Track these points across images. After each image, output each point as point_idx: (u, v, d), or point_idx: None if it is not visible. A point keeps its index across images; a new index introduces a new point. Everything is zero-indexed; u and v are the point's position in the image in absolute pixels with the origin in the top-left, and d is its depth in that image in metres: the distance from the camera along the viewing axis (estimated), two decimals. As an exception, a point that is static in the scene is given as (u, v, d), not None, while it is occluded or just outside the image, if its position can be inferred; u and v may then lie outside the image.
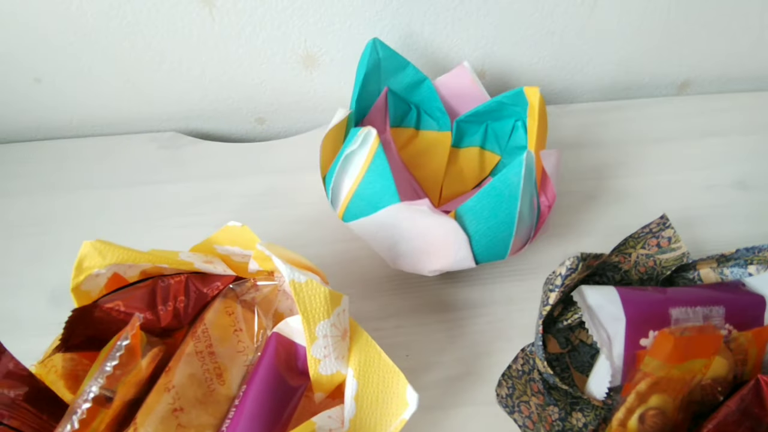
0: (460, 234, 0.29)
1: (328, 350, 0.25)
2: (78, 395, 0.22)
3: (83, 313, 0.24)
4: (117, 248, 0.26)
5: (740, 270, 0.32)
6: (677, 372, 0.24)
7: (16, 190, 0.41)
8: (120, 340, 0.22)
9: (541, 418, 0.29)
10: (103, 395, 0.21)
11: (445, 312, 0.35)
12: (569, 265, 0.28)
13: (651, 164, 0.43)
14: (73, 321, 0.24)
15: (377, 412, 0.25)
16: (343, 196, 0.32)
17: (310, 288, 0.24)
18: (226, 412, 0.24)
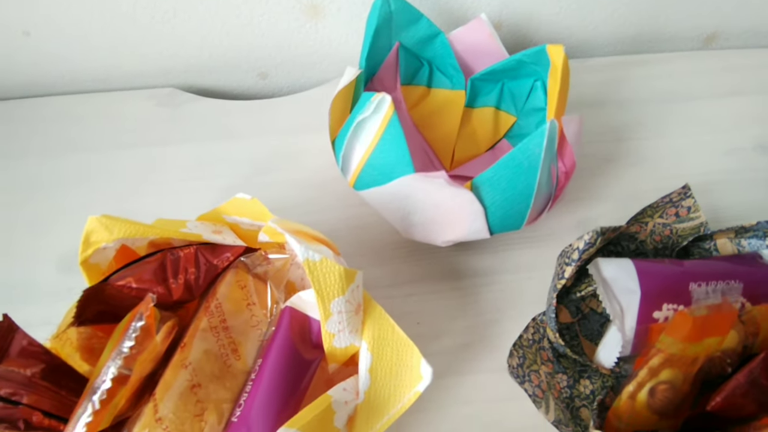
0: (475, 205, 0.28)
1: (342, 325, 0.25)
2: (96, 375, 0.22)
3: (95, 291, 0.24)
4: (123, 222, 0.25)
5: (758, 242, 0.31)
6: (692, 350, 0.24)
7: (11, 152, 0.39)
8: (135, 320, 0.22)
9: (549, 386, 0.29)
10: (121, 374, 0.21)
11: (456, 280, 0.34)
12: (588, 240, 0.27)
13: (671, 125, 0.42)
14: (85, 299, 0.24)
15: (391, 384, 0.26)
16: (354, 164, 0.30)
17: (325, 266, 0.23)
18: (243, 386, 0.25)
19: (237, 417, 0.24)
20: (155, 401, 0.22)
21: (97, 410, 0.21)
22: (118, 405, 0.22)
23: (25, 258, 0.35)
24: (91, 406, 0.20)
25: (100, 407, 0.21)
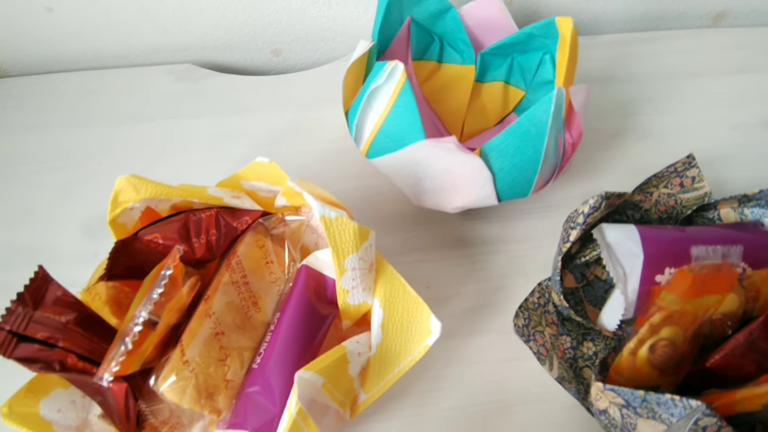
0: (484, 171, 0.29)
1: (356, 282, 0.26)
2: (128, 320, 0.23)
3: (125, 244, 0.25)
4: (150, 183, 0.26)
5: (761, 210, 0.32)
6: (691, 307, 0.26)
7: (37, 124, 0.41)
8: (164, 269, 0.24)
9: (554, 347, 0.31)
10: (150, 320, 0.23)
11: (465, 247, 0.36)
12: (592, 204, 0.28)
13: (678, 101, 0.42)
14: (116, 252, 0.25)
15: (402, 339, 0.27)
16: (367, 132, 0.31)
17: (340, 224, 0.25)
18: (262, 336, 0.26)
19: (257, 364, 0.25)
20: (182, 347, 0.24)
21: (129, 350, 0.22)
22: (147, 351, 0.24)
23: (51, 223, 0.37)
24: (123, 347, 0.22)
25: (133, 348, 0.22)
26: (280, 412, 0.23)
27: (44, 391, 0.24)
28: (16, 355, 0.21)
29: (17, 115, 0.41)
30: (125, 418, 0.25)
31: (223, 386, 0.24)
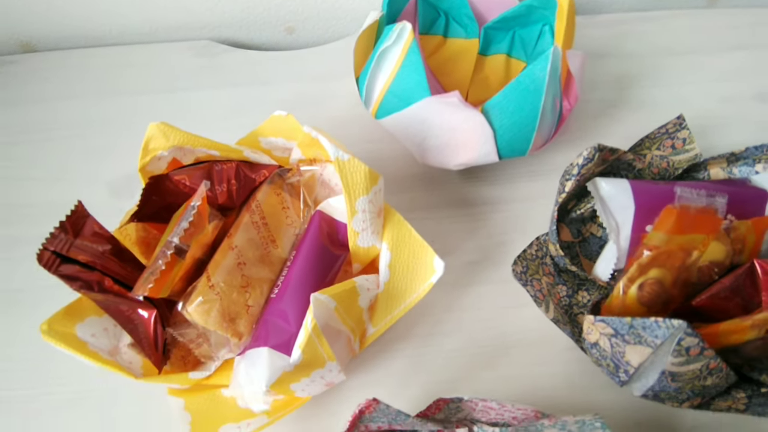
0: (486, 128, 0.32)
1: (365, 224, 0.29)
2: (159, 247, 0.25)
3: (157, 180, 0.28)
4: (179, 131, 0.29)
5: (748, 168, 0.34)
6: (677, 242, 0.27)
7: (66, 95, 0.44)
8: (192, 202, 0.26)
9: (550, 294, 0.33)
10: (180, 247, 0.25)
11: (467, 207, 0.38)
12: (586, 155, 0.30)
13: (673, 76, 0.44)
14: (149, 188, 0.27)
15: (408, 277, 0.29)
16: (376, 93, 0.34)
17: (353, 165, 0.27)
18: (280, 271, 0.28)
19: (275, 294, 0.27)
20: (208, 274, 0.26)
21: (162, 270, 0.24)
22: (175, 278, 0.26)
23: (79, 183, 0.39)
24: (156, 268, 0.24)
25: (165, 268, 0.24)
26: (297, 331, 0.25)
27: (80, 317, 0.27)
28: (60, 273, 0.24)
29: (48, 86, 0.44)
30: (153, 345, 0.28)
31: (244, 312, 0.26)
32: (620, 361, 0.27)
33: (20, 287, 0.35)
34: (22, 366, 0.32)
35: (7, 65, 0.45)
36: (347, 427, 0.22)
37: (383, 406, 0.23)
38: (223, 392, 0.29)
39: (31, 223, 0.38)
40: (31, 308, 0.34)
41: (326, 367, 0.26)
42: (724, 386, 0.27)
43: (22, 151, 0.41)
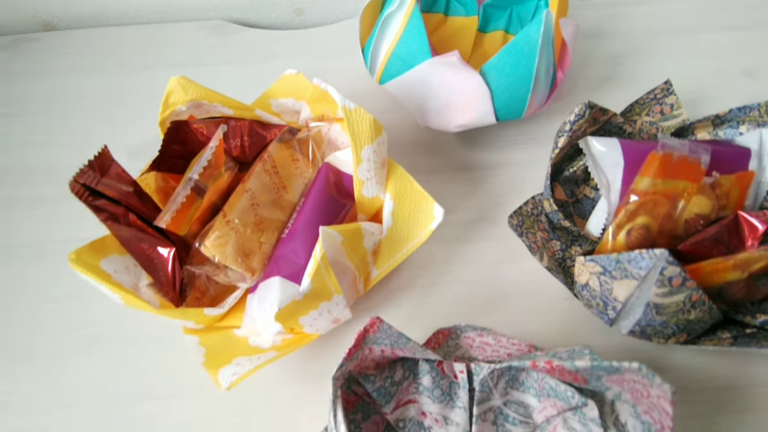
0: (483, 88, 0.34)
1: (370, 173, 0.31)
2: (180, 185, 0.27)
3: (177, 127, 0.30)
4: (197, 86, 0.31)
5: (732, 131, 0.36)
6: (662, 187, 0.29)
7: (87, 69, 0.46)
8: (210, 143, 0.28)
9: (544, 246, 0.34)
10: (198, 186, 0.27)
11: (466, 170, 0.40)
12: (577, 112, 0.32)
13: (664, 54, 0.46)
14: (170, 132, 0.29)
15: (410, 224, 0.31)
16: (381, 58, 0.36)
17: (359, 114, 0.29)
18: (291, 214, 0.30)
19: (286, 235, 0.29)
20: (224, 212, 0.28)
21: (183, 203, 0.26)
22: (193, 217, 0.28)
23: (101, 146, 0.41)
24: (178, 200, 0.26)
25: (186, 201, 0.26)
26: (306, 264, 0.27)
27: (104, 253, 0.28)
28: (89, 203, 0.26)
29: (69, 61, 0.46)
30: (171, 283, 0.29)
31: (257, 249, 0.28)
32: (608, 298, 0.29)
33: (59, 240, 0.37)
34: (21, 314, 0.34)
35: (30, 42, 0.48)
36: (353, 344, 0.24)
37: (386, 326, 0.25)
38: (236, 332, 0.31)
39: (59, 182, 0.40)
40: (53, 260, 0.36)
41: (333, 300, 0.27)
42: (708, 322, 0.28)
43: (45, 120, 0.43)
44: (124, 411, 0.31)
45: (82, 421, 0.31)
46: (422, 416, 0.29)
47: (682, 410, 0.31)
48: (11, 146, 0.42)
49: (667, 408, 0.21)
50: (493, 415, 0.29)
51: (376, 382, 0.28)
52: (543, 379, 0.28)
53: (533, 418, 0.29)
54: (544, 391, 0.28)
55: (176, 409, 0.31)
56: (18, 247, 0.37)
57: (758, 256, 0.29)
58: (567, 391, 0.27)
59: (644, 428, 0.24)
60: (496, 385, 0.28)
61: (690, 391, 0.31)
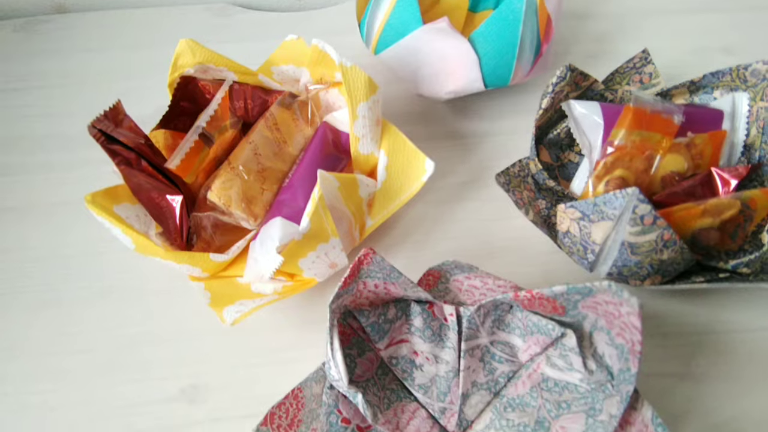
0: (472, 54, 0.36)
1: (365, 130, 0.33)
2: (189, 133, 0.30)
3: (186, 82, 0.32)
4: (204, 49, 0.33)
5: (707, 96, 0.38)
6: (637, 138, 0.31)
7: (98, 48, 0.48)
8: (217, 95, 0.30)
9: (530, 204, 0.36)
10: (205, 134, 0.29)
11: (458, 138, 0.42)
12: (559, 74, 0.34)
13: (647, 33, 0.48)
14: (179, 87, 0.32)
15: (402, 178, 0.33)
16: (376, 29, 0.38)
17: (354, 72, 0.31)
18: (291, 165, 0.32)
19: (286, 183, 0.31)
20: (229, 161, 0.30)
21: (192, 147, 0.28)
22: (200, 166, 0.30)
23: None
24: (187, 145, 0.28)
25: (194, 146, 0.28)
26: (305, 207, 0.29)
27: (117, 200, 0.31)
28: (105, 146, 0.28)
29: (81, 42, 0.49)
30: (179, 231, 0.32)
31: (259, 196, 0.30)
32: (587, 242, 0.31)
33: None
34: (36, 267, 0.36)
35: (43, 24, 0.50)
36: (348, 274, 0.26)
37: (379, 259, 0.27)
38: (239, 280, 0.33)
39: (72, 149, 0.42)
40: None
41: (330, 242, 0.29)
42: (681, 264, 0.30)
43: (60, 93, 0.46)
44: (134, 353, 0.33)
45: (97, 363, 0.33)
46: (414, 355, 0.31)
47: (661, 353, 0.32)
48: (29, 117, 0.44)
49: (636, 323, 0.23)
50: (480, 352, 0.31)
51: (370, 318, 0.30)
52: (527, 317, 0.30)
53: (518, 357, 0.31)
54: (528, 329, 0.30)
55: (184, 351, 0.33)
56: (34, 207, 0.39)
57: (727, 203, 0.31)
58: (548, 324, 0.29)
59: (618, 353, 0.26)
60: (483, 323, 0.30)
61: (669, 336, 0.33)
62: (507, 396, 0.30)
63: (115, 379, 0.32)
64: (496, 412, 0.29)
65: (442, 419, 0.30)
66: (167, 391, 0.32)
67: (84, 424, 0.31)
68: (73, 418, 0.31)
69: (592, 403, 0.28)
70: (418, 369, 0.31)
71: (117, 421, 0.31)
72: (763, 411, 0.31)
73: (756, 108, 0.35)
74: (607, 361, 0.28)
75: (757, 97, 0.35)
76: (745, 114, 0.36)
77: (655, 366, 0.32)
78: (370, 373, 0.30)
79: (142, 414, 0.31)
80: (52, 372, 0.33)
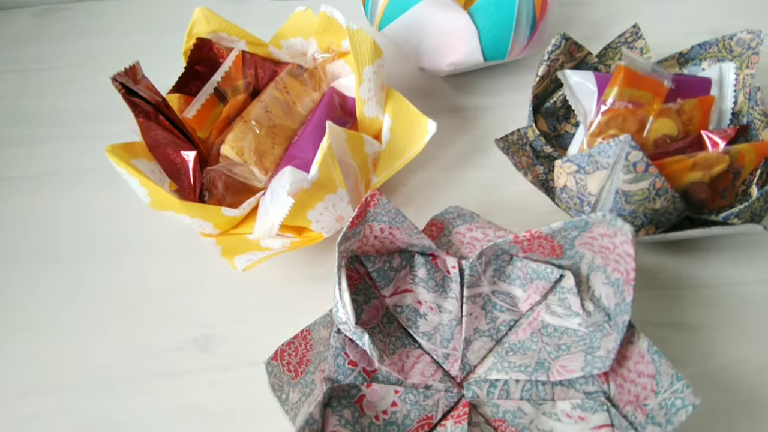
0: (471, 26, 0.38)
1: (371, 93, 0.34)
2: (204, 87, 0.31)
3: (201, 44, 0.34)
4: (218, 17, 0.35)
5: (696, 68, 0.40)
6: (629, 95, 0.33)
7: (115, 32, 0.51)
8: (230, 55, 0.32)
9: (528, 169, 0.38)
10: (218, 90, 0.31)
11: (459, 112, 0.44)
12: (554, 42, 0.36)
13: (640, 18, 0.51)
14: (195, 49, 0.33)
15: (406, 138, 0.35)
16: (379, 6, 0.40)
17: (360, 36, 0.33)
18: (300, 125, 0.34)
19: (295, 141, 0.33)
20: (242, 117, 0.32)
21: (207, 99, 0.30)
22: (214, 121, 0.32)
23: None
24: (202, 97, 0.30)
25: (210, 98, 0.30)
26: (314, 158, 0.31)
27: (135, 155, 0.32)
28: (127, 98, 0.29)
29: (97, 27, 0.51)
30: (193, 187, 0.33)
31: (270, 150, 0.32)
32: (583, 194, 0.32)
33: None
34: (55, 230, 0.38)
35: (62, 11, 0.53)
36: (356, 214, 0.27)
37: (384, 201, 0.28)
38: (248, 236, 0.34)
39: (88, 122, 0.44)
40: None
41: (338, 193, 0.31)
42: (673, 214, 0.32)
43: (77, 73, 0.48)
44: (148, 307, 0.34)
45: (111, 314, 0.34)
46: (418, 304, 0.32)
47: (655, 305, 0.34)
48: (48, 95, 0.46)
49: (630, 250, 0.25)
50: (482, 300, 0.32)
51: (376, 263, 0.31)
52: (526, 266, 0.31)
53: (519, 307, 0.32)
54: (528, 277, 0.31)
55: (196, 306, 0.34)
56: (54, 175, 0.41)
57: (716, 158, 0.32)
58: (547, 268, 0.30)
59: (615, 290, 0.28)
60: (485, 271, 0.32)
61: (662, 289, 0.34)
62: (508, 342, 0.31)
63: (128, 328, 0.34)
64: (498, 356, 0.30)
65: (446, 364, 0.31)
66: (179, 340, 0.33)
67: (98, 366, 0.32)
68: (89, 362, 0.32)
69: (591, 342, 0.29)
70: (422, 318, 0.32)
71: (129, 365, 0.32)
72: (756, 358, 0.31)
73: (742, 76, 0.37)
74: (604, 302, 0.29)
75: (743, 65, 0.37)
76: (732, 82, 0.38)
77: (649, 316, 0.33)
78: (375, 321, 0.31)
79: (155, 360, 0.32)
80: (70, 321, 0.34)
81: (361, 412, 0.28)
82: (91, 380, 0.32)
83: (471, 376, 0.30)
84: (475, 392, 0.29)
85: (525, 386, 0.29)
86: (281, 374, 0.28)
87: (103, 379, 0.32)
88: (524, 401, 0.29)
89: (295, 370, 0.28)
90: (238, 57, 0.32)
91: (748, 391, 0.31)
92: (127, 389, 0.31)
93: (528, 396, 0.29)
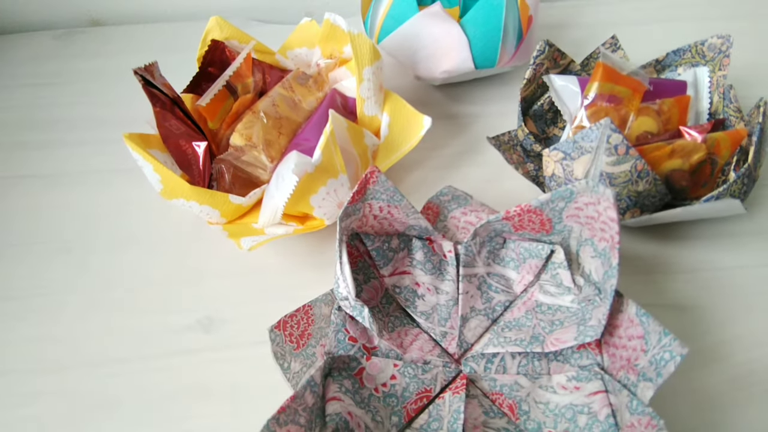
0: (463, 37, 0.41)
1: (370, 93, 0.37)
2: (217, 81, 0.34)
3: (215, 45, 0.37)
4: (231, 26, 0.38)
5: (672, 74, 0.43)
6: (609, 90, 0.36)
7: (127, 53, 0.54)
8: (242, 53, 0.35)
9: (519, 165, 0.40)
10: (230, 84, 0.33)
11: (453, 119, 0.46)
12: (539, 48, 0.39)
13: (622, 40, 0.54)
14: (208, 52, 0.36)
15: (403, 134, 0.37)
16: (378, 21, 0.44)
17: (361, 39, 0.36)
18: (305, 119, 0.36)
19: (299, 134, 0.35)
20: (252, 109, 0.34)
21: (220, 90, 0.32)
22: (225, 113, 0.34)
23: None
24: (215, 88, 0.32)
25: (222, 89, 0.32)
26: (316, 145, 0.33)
27: (149, 145, 0.34)
28: (146, 88, 0.32)
29: (113, 49, 0.55)
30: (202, 176, 0.35)
31: (276, 140, 0.34)
32: (570, 180, 0.34)
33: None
34: (68, 224, 0.40)
35: (79, 35, 0.56)
36: (356, 190, 0.29)
37: (383, 178, 0.30)
38: (253, 225, 0.36)
39: (98, 129, 0.46)
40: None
41: (339, 179, 0.33)
42: (656, 196, 0.33)
43: (92, 88, 0.50)
44: (154, 291, 0.35)
45: (119, 297, 0.35)
46: (416, 285, 0.33)
47: (645, 288, 0.35)
48: (61, 105, 0.49)
49: (613, 214, 0.26)
50: (477, 281, 0.33)
51: (375, 242, 0.32)
52: (519, 246, 0.33)
53: (513, 288, 0.33)
54: (521, 257, 0.33)
55: (201, 290, 0.35)
56: (64, 174, 0.43)
57: (693, 146, 0.34)
58: (538, 246, 0.32)
59: (603, 260, 0.29)
60: (479, 252, 0.33)
61: (652, 273, 0.36)
62: (504, 320, 0.32)
63: (133, 311, 0.34)
64: (494, 333, 0.31)
65: (444, 342, 0.31)
66: (183, 322, 0.34)
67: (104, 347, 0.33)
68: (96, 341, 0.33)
69: (582, 315, 0.30)
70: (420, 298, 0.33)
71: (134, 345, 0.33)
72: (748, 336, 0.32)
73: (716, 78, 0.40)
74: (594, 277, 0.30)
75: (716, 68, 0.40)
76: (707, 85, 0.41)
77: (641, 297, 0.34)
78: (375, 301, 0.33)
79: (160, 340, 0.33)
80: (78, 305, 0.35)
81: (360, 384, 0.29)
82: (97, 359, 0.33)
83: (468, 353, 0.31)
84: (472, 368, 0.30)
85: (521, 362, 0.30)
86: (284, 344, 0.28)
87: (109, 357, 0.33)
88: (521, 375, 0.29)
89: (297, 341, 0.29)
90: (248, 57, 0.35)
91: (739, 368, 0.31)
92: (133, 368, 0.32)
93: (524, 371, 0.30)
